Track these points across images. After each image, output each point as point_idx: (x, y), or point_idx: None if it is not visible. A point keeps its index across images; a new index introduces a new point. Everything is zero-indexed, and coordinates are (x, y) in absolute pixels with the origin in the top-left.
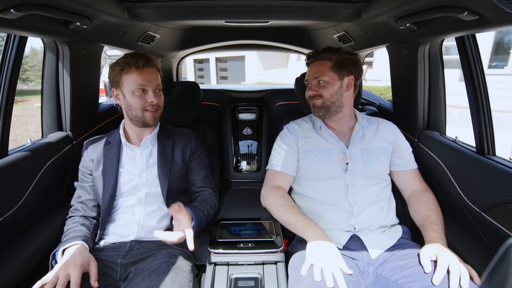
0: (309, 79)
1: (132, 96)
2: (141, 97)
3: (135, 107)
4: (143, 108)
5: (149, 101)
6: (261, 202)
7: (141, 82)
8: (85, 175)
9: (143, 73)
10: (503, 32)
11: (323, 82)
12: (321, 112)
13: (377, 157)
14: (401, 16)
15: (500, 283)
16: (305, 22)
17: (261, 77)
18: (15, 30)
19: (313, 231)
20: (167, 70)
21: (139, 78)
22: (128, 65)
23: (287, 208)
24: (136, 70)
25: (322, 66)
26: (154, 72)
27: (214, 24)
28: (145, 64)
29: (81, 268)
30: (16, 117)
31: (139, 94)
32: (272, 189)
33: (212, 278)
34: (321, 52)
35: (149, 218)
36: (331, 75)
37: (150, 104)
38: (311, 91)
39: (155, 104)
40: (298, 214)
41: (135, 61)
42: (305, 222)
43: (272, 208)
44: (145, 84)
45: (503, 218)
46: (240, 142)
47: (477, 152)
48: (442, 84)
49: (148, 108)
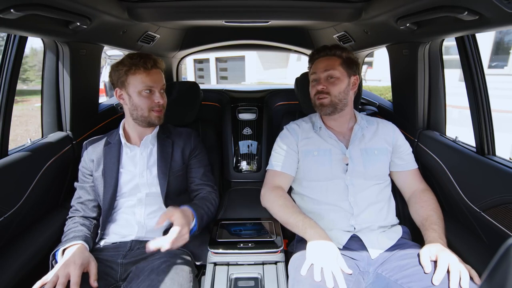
0: (318, 72)
1: (139, 97)
2: (148, 98)
3: (142, 107)
4: (150, 109)
5: (155, 102)
6: (261, 202)
7: (148, 83)
8: (85, 176)
9: (151, 74)
10: (503, 32)
11: (333, 78)
12: (329, 110)
13: (377, 157)
14: (401, 16)
15: (500, 283)
16: (305, 22)
17: (261, 77)
18: (15, 30)
19: (313, 230)
20: (167, 70)
21: (147, 79)
22: (136, 66)
23: (286, 208)
24: (145, 71)
25: (333, 61)
26: (160, 73)
27: (214, 24)
28: (153, 65)
29: (80, 267)
30: (16, 117)
31: (146, 94)
32: (271, 189)
33: (212, 278)
34: (332, 48)
35: (150, 218)
36: (341, 71)
37: (157, 104)
38: (320, 86)
39: (161, 105)
40: (297, 214)
41: (144, 62)
42: (304, 222)
43: (272, 208)
44: (152, 85)
45: (503, 218)
46: (240, 142)
47: (477, 152)
48: (442, 84)
49: (155, 108)
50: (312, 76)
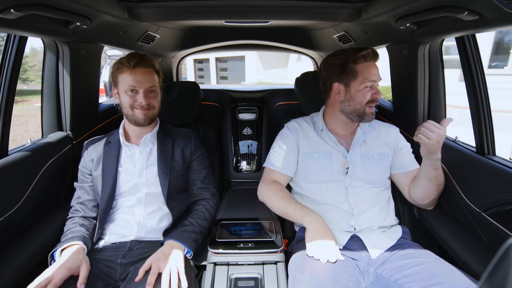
0: (377, 78)
1: (124, 95)
2: (131, 97)
3: (125, 105)
4: (132, 107)
5: (138, 101)
6: (258, 197)
7: (131, 82)
8: (84, 175)
9: (134, 73)
10: (503, 32)
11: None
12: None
13: (377, 162)
14: (401, 16)
15: (500, 283)
16: (305, 22)
17: (261, 77)
18: (15, 30)
19: (311, 217)
20: (167, 70)
21: (130, 78)
22: (122, 64)
23: (283, 199)
24: (127, 70)
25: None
26: (147, 73)
27: (214, 24)
28: (137, 64)
29: (68, 270)
30: (16, 117)
31: (130, 94)
32: (268, 183)
33: (212, 278)
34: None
35: (149, 218)
36: None
37: (139, 104)
38: (379, 94)
39: (144, 105)
40: (294, 204)
41: (127, 61)
42: (302, 210)
43: (269, 201)
44: (135, 85)
45: (503, 218)
46: (240, 142)
47: (477, 152)
48: (442, 84)
49: (137, 107)
50: (367, 82)
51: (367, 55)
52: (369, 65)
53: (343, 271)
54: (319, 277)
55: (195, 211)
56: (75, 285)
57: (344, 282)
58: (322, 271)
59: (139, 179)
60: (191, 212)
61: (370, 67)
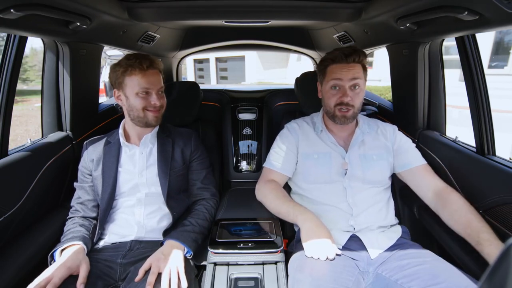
0: (345, 80)
1: (135, 98)
2: (144, 99)
3: (137, 108)
4: (145, 109)
5: (152, 103)
6: (256, 196)
7: (145, 84)
8: (84, 176)
9: (147, 76)
10: (503, 32)
11: (358, 88)
12: (348, 122)
13: (376, 163)
14: (401, 16)
15: (500, 283)
16: (305, 22)
17: (261, 77)
18: (15, 30)
19: (303, 216)
20: (167, 70)
21: (143, 80)
22: (131, 67)
23: (278, 199)
24: (140, 72)
25: (358, 69)
26: (157, 74)
27: (214, 24)
28: (149, 66)
29: (68, 270)
30: (16, 117)
31: (143, 96)
32: (265, 183)
33: (212, 278)
34: (358, 52)
35: (149, 219)
36: (363, 79)
37: (153, 105)
38: (347, 97)
39: (157, 106)
40: (288, 203)
41: (139, 63)
42: (295, 209)
43: (266, 201)
44: (148, 87)
45: (503, 218)
46: (240, 142)
47: (477, 152)
48: (442, 84)
49: (150, 108)
50: (333, 82)
51: (336, 57)
52: (338, 67)
53: (343, 271)
54: (319, 277)
55: (195, 211)
56: (75, 285)
57: (344, 282)
58: (322, 271)
59: (139, 179)
60: (191, 212)
61: (339, 68)
